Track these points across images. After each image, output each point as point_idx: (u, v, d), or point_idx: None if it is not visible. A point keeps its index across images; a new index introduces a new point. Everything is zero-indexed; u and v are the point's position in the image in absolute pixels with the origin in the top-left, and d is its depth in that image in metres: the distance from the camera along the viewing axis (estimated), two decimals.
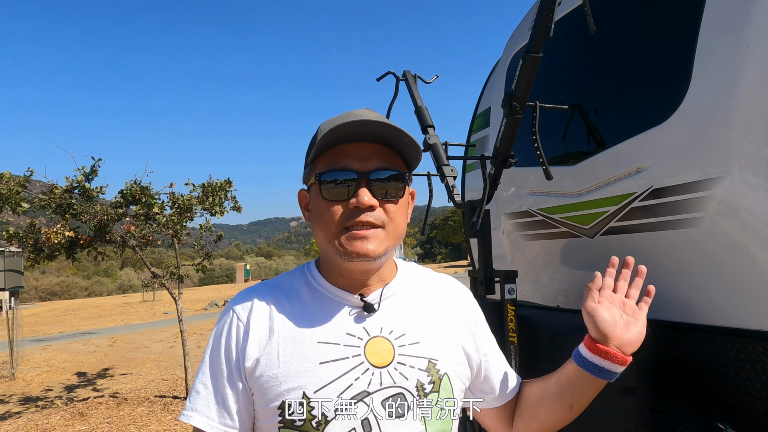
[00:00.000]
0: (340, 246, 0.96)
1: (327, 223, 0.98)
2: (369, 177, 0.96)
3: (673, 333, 2.08)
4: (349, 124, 0.93)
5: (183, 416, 1.00)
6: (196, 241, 7.52)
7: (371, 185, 0.96)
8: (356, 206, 0.95)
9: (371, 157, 0.97)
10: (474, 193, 3.55)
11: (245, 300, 1.05)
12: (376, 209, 0.97)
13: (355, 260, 0.97)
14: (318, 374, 0.95)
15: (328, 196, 0.97)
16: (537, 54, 2.00)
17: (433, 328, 1.06)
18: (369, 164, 0.97)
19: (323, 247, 1.02)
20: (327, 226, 0.98)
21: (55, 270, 52.83)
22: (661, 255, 2.06)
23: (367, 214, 0.96)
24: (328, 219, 0.98)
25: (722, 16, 1.79)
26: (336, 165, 0.97)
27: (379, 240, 0.97)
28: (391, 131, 0.95)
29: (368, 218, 0.96)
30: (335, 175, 0.97)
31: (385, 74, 2.97)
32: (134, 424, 6.10)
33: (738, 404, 1.81)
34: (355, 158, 0.97)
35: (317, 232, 1.01)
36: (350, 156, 0.97)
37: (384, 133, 0.96)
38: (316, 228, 1.01)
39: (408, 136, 0.96)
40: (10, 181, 6.27)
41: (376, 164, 0.97)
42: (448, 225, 62.96)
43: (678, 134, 1.94)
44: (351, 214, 0.96)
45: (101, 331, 15.55)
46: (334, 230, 0.97)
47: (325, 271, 1.06)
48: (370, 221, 0.96)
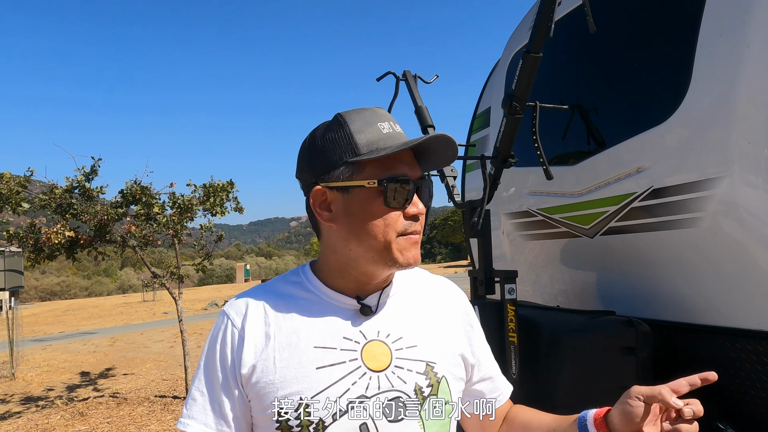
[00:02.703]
0: (397, 252, 0.97)
1: (384, 230, 0.96)
2: (421, 185, 0.99)
3: (673, 333, 2.08)
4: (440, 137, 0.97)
5: (180, 424, 0.99)
6: (196, 241, 7.51)
7: (420, 193, 0.99)
8: (415, 214, 0.98)
9: (415, 164, 1.00)
10: (474, 193, 3.55)
11: (240, 305, 1.03)
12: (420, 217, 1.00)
13: (408, 268, 0.98)
14: (315, 379, 0.94)
15: (393, 203, 0.96)
16: (537, 54, 2.00)
17: (430, 331, 1.05)
18: (417, 172, 1.00)
19: (364, 253, 0.98)
20: (384, 232, 0.96)
21: (55, 270, 52.82)
22: (661, 255, 2.06)
23: (419, 222, 0.99)
24: (385, 225, 0.96)
25: (722, 16, 1.79)
26: (396, 171, 0.97)
27: (420, 247, 1.01)
28: (454, 149, 1.01)
29: (418, 227, 0.99)
30: (399, 182, 0.96)
31: (385, 74, 2.97)
32: (134, 424, 6.10)
33: (738, 404, 1.81)
34: (408, 165, 0.99)
35: (363, 237, 0.97)
36: (405, 162, 0.98)
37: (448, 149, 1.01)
38: (362, 233, 0.97)
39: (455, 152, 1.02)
40: (11, 181, 6.27)
41: (420, 172, 1.01)
42: (448, 225, 62.92)
43: (678, 134, 1.94)
44: (409, 221, 0.98)
45: (101, 331, 15.54)
46: (390, 237, 0.97)
47: (324, 274, 1.04)
48: (418, 229, 0.99)
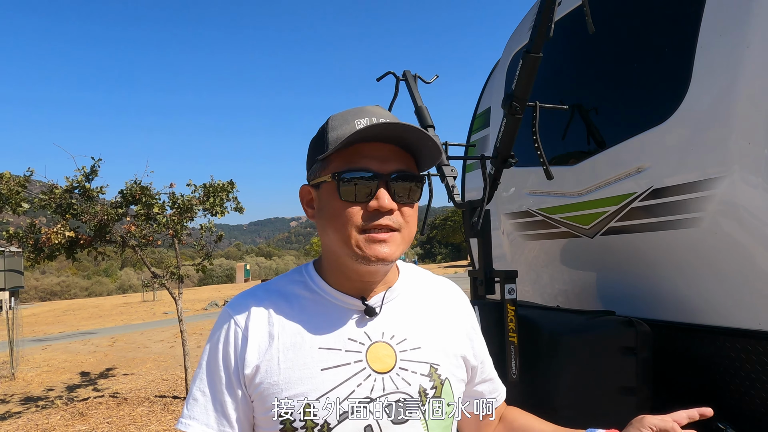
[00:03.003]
0: (358, 249, 0.93)
1: (343, 225, 0.94)
2: (389, 179, 0.94)
3: (673, 333, 2.08)
4: (378, 125, 0.90)
5: (180, 424, 0.97)
6: (196, 241, 7.51)
7: (391, 188, 0.94)
8: (376, 209, 0.93)
9: (390, 158, 0.95)
10: (474, 193, 3.55)
11: (243, 304, 1.02)
12: (394, 212, 0.95)
13: (373, 264, 0.94)
14: (320, 381, 0.94)
15: (347, 196, 0.93)
16: (537, 54, 2.00)
17: (434, 333, 1.05)
18: (389, 166, 0.95)
19: (334, 249, 0.99)
20: (343, 227, 0.94)
21: (55, 270, 52.80)
22: (661, 255, 2.06)
23: (387, 217, 0.94)
24: (344, 220, 0.94)
25: (722, 16, 1.79)
26: (355, 165, 0.94)
27: (395, 244, 0.95)
28: (416, 135, 0.93)
29: (387, 222, 0.94)
30: (355, 175, 0.93)
31: (385, 74, 2.97)
32: (134, 424, 6.10)
33: (738, 404, 1.81)
34: (375, 159, 0.94)
35: (329, 232, 0.97)
36: (370, 156, 0.94)
37: (407, 136, 0.94)
38: (329, 228, 0.97)
39: (432, 140, 0.94)
40: (10, 181, 6.26)
41: (395, 166, 0.95)
42: (448, 225, 62.92)
43: (678, 134, 1.94)
44: (370, 216, 0.93)
45: (101, 331, 15.53)
46: (351, 232, 0.94)
47: (326, 273, 1.04)
48: (389, 225, 0.94)
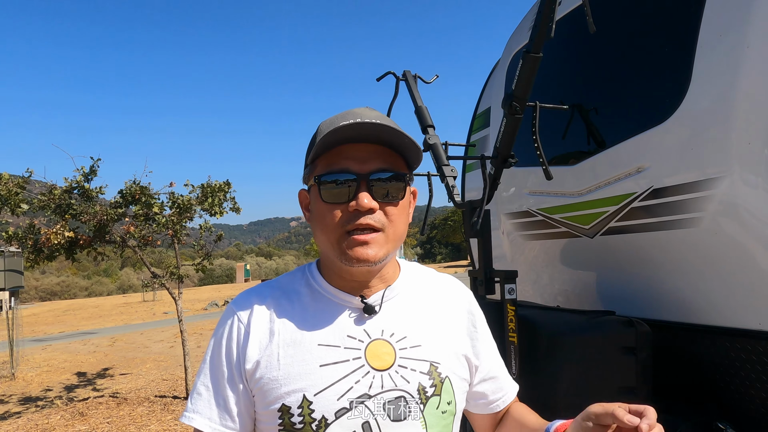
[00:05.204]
0: (341, 250, 0.95)
1: (327, 226, 0.96)
2: (369, 179, 0.94)
3: (673, 333, 2.08)
4: (348, 126, 0.91)
5: (184, 418, 0.99)
6: (195, 241, 7.51)
7: (371, 187, 0.94)
8: (356, 209, 0.93)
9: (371, 158, 0.95)
10: (474, 193, 3.55)
11: (246, 301, 1.04)
12: (376, 212, 0.95)
13: (356, 265, 0.95)
14: (318, 377, 0.95)
15: (328, 198, 0.95)
16: (537, 54, 2.00)
17: (434, 331, 1.05)
18: (369, 165, 0.95)
19: (324, 249, 1.01)
20: (327, 228, 0.96)
21: (55, 270, 52.80)
22: (661, 255, 2.06)
23: (368, 217, 0.94)
24: (327, 222, 0.96)
25: (722, 16, 1.79)
26: (335, 167, 0.95)
27: (379, 244, 0.95)
28: (389, 132, 0.93)
29: (368, 221, 0.94)
30: (334, 177, 0.95)
31: (385, 74, 2.97)
32: (134, 424, 6.10)
33: (738, 404, 1.81)
34: (355, 159, 0.95)
35: (317, 234, 1.00)
36: (350, 157, 0.95)
37: (383, 135, 0.94)
38: (317, 230, 1.00)
39: (407, 137, 0.94)
40: (9, 182, 6.26)
41: (375, 165, 0.95)
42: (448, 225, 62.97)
43: (678, 134, 1.94)
44: (351, 217, 0.94)
45: (101, 331, 15.53)
46: (335, 233, 0.95)
47: (326, 272, 1.05)
48: (371, 224, 0.94)
